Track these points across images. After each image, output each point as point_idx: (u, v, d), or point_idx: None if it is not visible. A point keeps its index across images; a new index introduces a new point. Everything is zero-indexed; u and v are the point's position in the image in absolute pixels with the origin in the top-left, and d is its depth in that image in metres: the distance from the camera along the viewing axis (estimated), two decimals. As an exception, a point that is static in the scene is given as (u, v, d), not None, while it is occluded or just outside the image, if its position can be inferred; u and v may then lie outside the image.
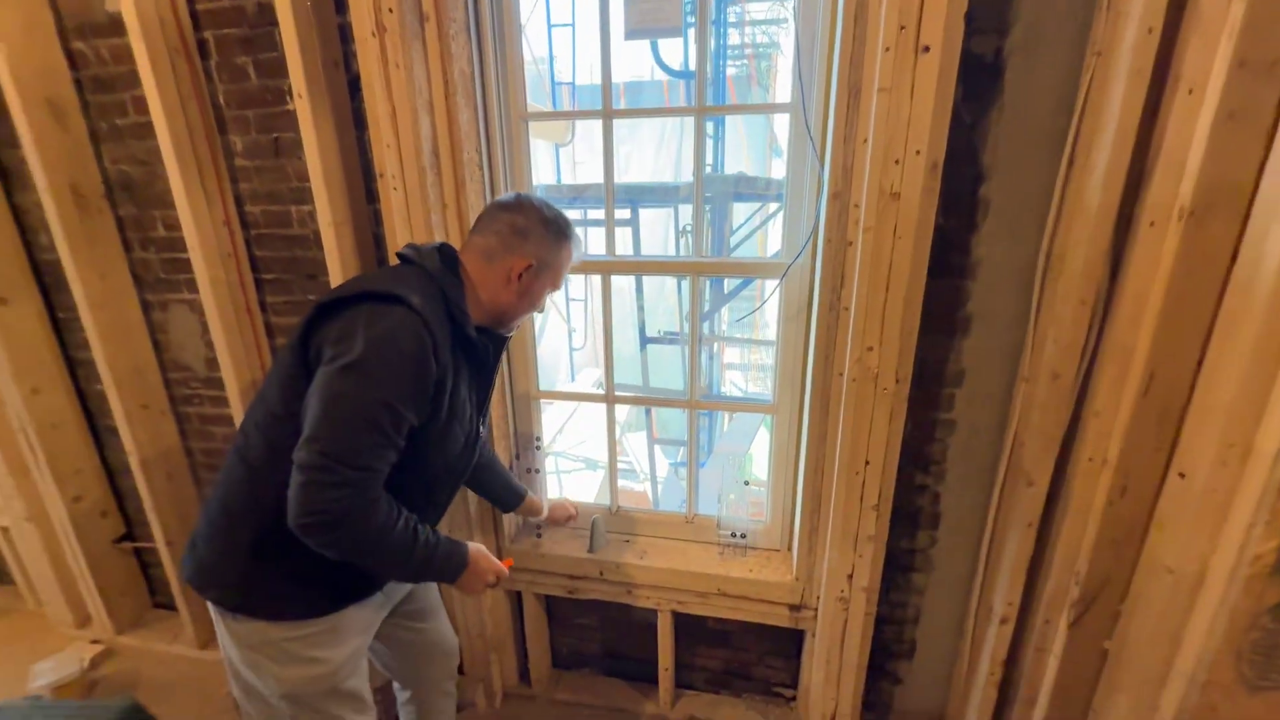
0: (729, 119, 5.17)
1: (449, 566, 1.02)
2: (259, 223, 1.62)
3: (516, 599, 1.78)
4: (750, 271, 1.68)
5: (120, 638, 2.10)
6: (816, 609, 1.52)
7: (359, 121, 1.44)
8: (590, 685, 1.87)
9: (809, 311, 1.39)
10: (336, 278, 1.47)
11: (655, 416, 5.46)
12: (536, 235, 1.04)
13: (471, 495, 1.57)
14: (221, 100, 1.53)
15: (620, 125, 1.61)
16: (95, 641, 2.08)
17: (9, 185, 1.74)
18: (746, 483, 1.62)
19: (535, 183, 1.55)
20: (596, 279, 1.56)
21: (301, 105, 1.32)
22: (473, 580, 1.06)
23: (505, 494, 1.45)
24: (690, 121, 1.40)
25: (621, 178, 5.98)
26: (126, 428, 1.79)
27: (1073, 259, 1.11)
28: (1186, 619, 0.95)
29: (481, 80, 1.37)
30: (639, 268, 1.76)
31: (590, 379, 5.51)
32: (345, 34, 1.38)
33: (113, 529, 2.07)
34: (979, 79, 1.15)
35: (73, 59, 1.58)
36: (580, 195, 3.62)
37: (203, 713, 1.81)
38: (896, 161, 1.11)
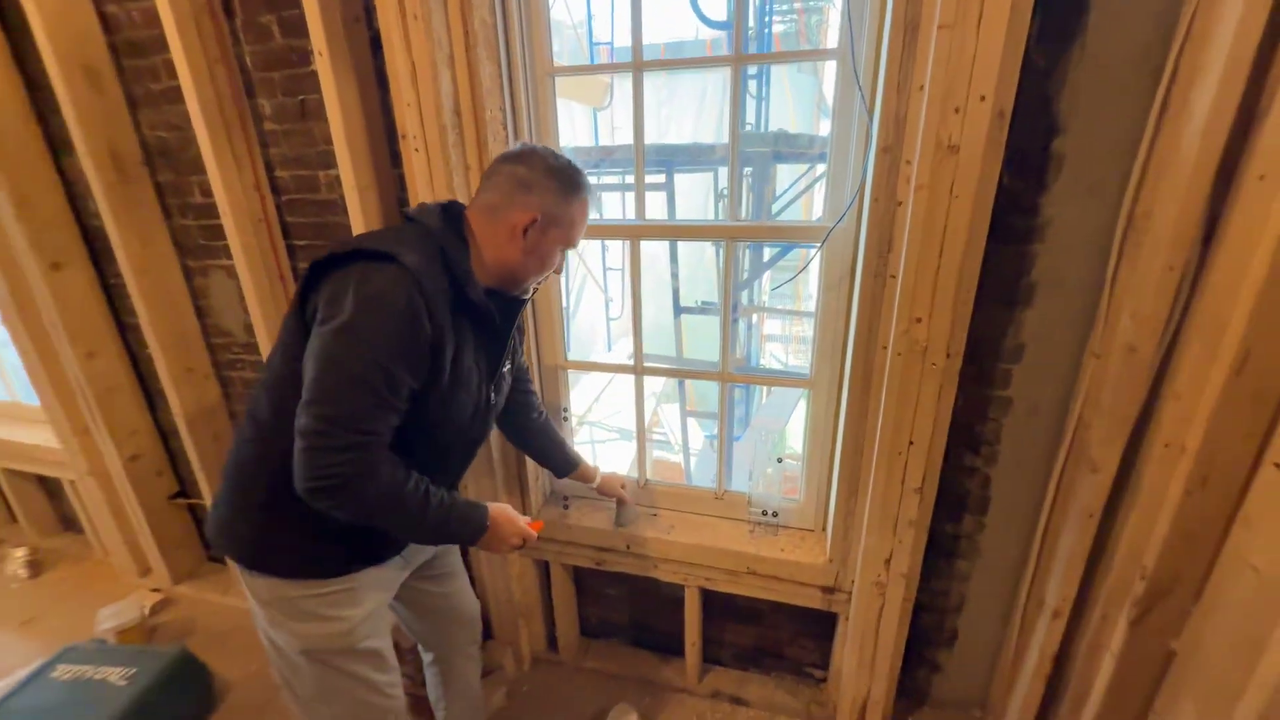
0: (775, 78, 4.90)
1: (467, 528, 1.00)
2: (289, 188, 1.61)
3: (544, 568, 1.78)
4: (788, 236, 1.57)
5: (178, 587, 2.23)
6: (851, 593, 1.45)
7: (382, 81, 1.39)
8: (618, 655, 1.87)
9: (851, 279, 1.29)
10: (362, 243, 1.44)
11: (693, 388, 5.40)
12: (541, 187, 0.96)
13: (498, 462, 1.56)
14: (249, 62, 1.51)
15: (660, 86, 1.52)
16: (155, 590, 2.21)
17: (57, 152, 1.79)
18: (780, 459, 1.55)
19: (564, 144, 1.48)
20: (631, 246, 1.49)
21: (322, 64, 1.28)
22: (495, 542, 1.04)
23: (560, 460, 1.43)
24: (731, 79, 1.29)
25: (662, 139, 5.80)
26: (173, 391, 1.86)
27: (1160, 219, 0.97)
28: (1274, 625, 0.84)
29: (505, 32, 1.29)
30: (669, 232, 1.66)
31: (627, 349, 5.48)
32: (366, -13, 1.32)
33: (167, 486, 2.17)
34: (1058, 10, 1.01)
35: (106, 22, 1.58)
36: (609, 157, 3.48)
37: (250, 661, 1.90)
38: (956, 110, 0.99)
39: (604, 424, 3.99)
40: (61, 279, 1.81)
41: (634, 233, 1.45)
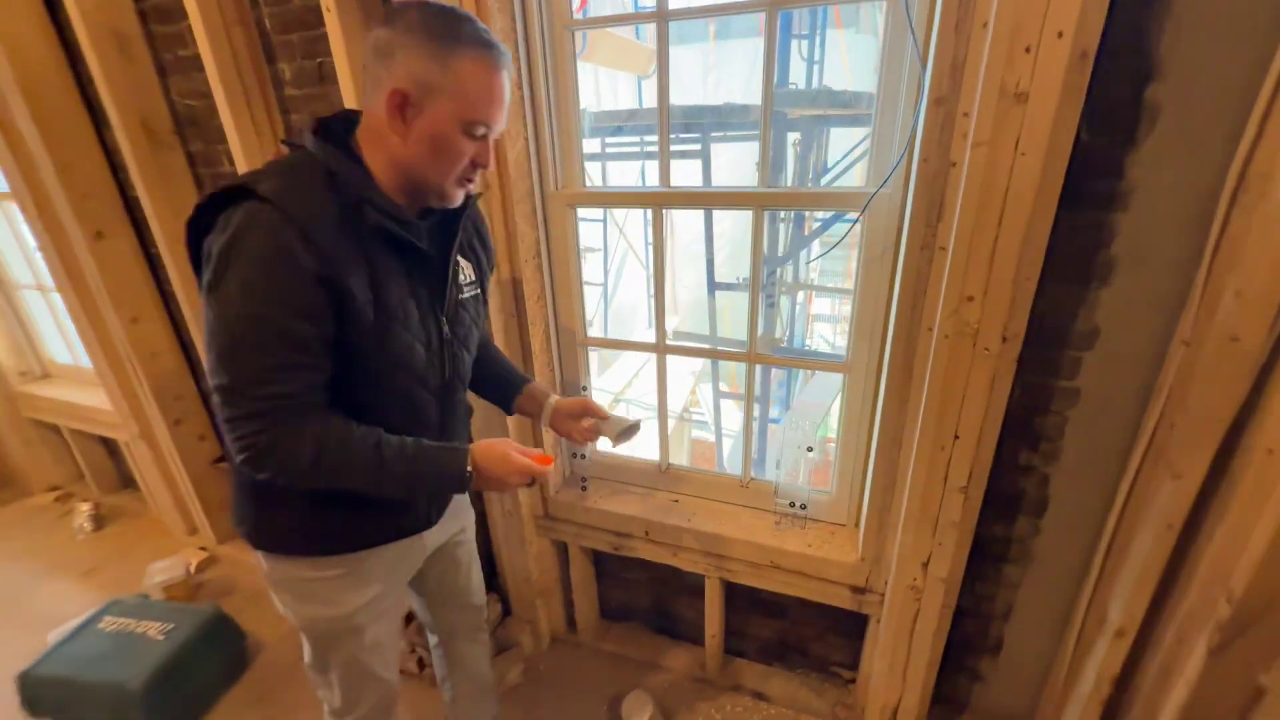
0: (831, 37, 4.58)
1: (444, 476, 0.87)
2: (310, 155, 1.58)
3: (563, 549, 1.74)
4: (826, 204, 1.42)
5: (221, 547, 2.32)
6: (884, 595, 1.34)
7: (396, 39, 1.33)
8: (637, 639, 1.82)
9: (895, 252, 1.15)
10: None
11: (733, 369, 5.26)
12: (405, 48, 0.74)
13: (513, 435, 1.51)
14: (268, 25, 1.47)
15: (708, 51, 1.38)
16: (201, 549, 2.31)
17: (98, 122, 1.82)
18: (810, 449, 1.44)
19: (584, 105, 1.38)
20: (677, 216, 1.38)
21: (331, 20, 1.23)
22: (492, 484, 0.90)
23: (503, 391, 1.17)
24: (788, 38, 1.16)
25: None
26: (209, 359, 1.89)
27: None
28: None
29: (519, -19, 1.20)
30: (693, 200, 1.52)
31: (669, 325, 5.36)
32: (377, -63, 1.25)
33: (211, 451, 2.25)
34: (1162, -74, 0.83)
35: (134, -12, 1.58)
36: (632, 120, 3.23)
37: (283, 623, 1.95)
38: (1027, 49, 0.84)
39: (639, 402, 3.93)
40: (104, 247, 1.86)
41: (656, 200, 1.34)
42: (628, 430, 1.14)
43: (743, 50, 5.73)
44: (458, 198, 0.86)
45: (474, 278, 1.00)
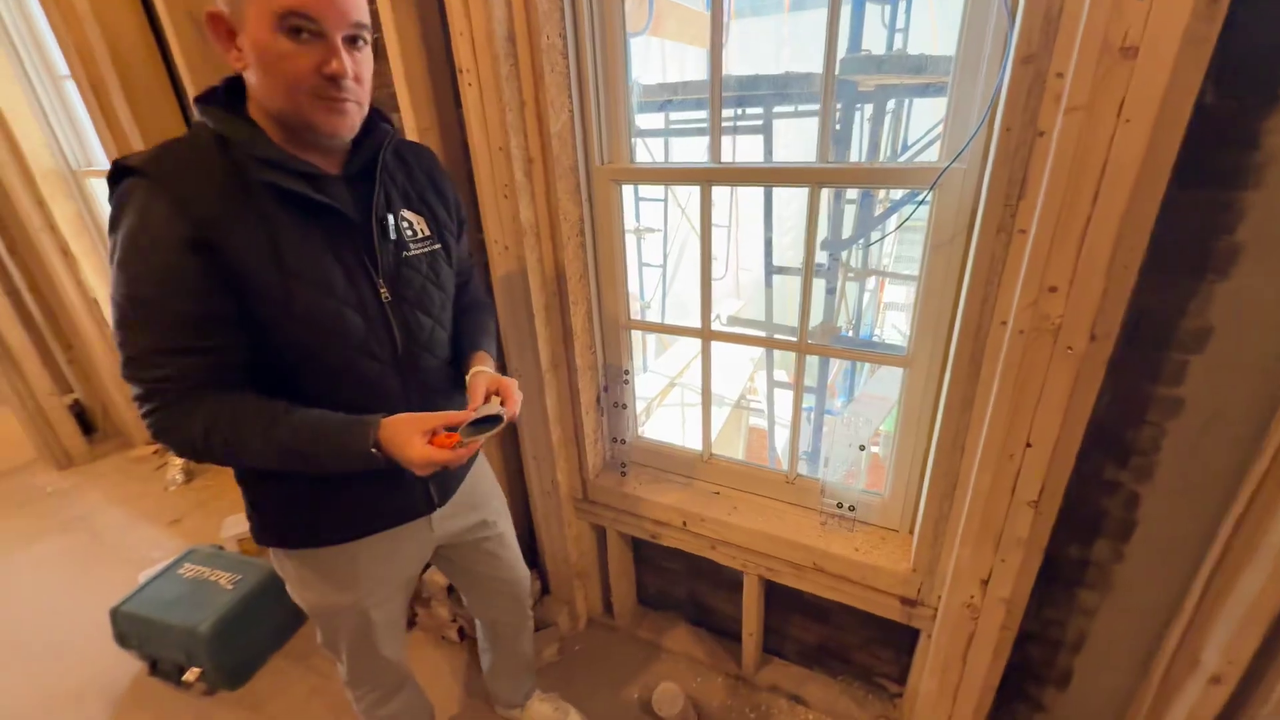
0: (917, 4, 4.23)
1: (346, 453, 0.77)
2: (367, 132, 1.61)
3: (601, 533, 1.73)
4: (889, 180, 1.27)
5: (290, 507, 2.47)
6: (937, 609, 1.24)
7: (445, 14, 1.31)
8: (673, 629, 1.79)
9: (968, 235, 1.03)
10: (425, 188, 1.40)
11: (792, 357, 5.08)
12: None
13: (554, 420, 1.49)
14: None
15: (781, 23, 1.28)
16: (273, 507, 2.47)
17: (181, 100, 1.93)
18: (862, 448, 1.34)
19: (634, 78, 1.32)
20: (741, 196, 1.31)
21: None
22: (407, 466, 0.78)
23: (458, 364, 1.00)
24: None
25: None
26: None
27: None
28: None
29: (566, -56, 1.15)
30: (744, 176, 1.39)
31: (729, 310, 5.24)
32: (427, -96, 1.23)
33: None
34: None
35: (210, -30, 1.64)
36: (682, 94, 3.05)
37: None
38: (1140, -7, 0.70)
39: (692, 386, 3.86)
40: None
41: (704, 176, 1.27)
42: (479, 426, 0.84)
43: (819, 20, 5.42)
44: (334, 125, 0.74)
45: (428, 232, 0.91)
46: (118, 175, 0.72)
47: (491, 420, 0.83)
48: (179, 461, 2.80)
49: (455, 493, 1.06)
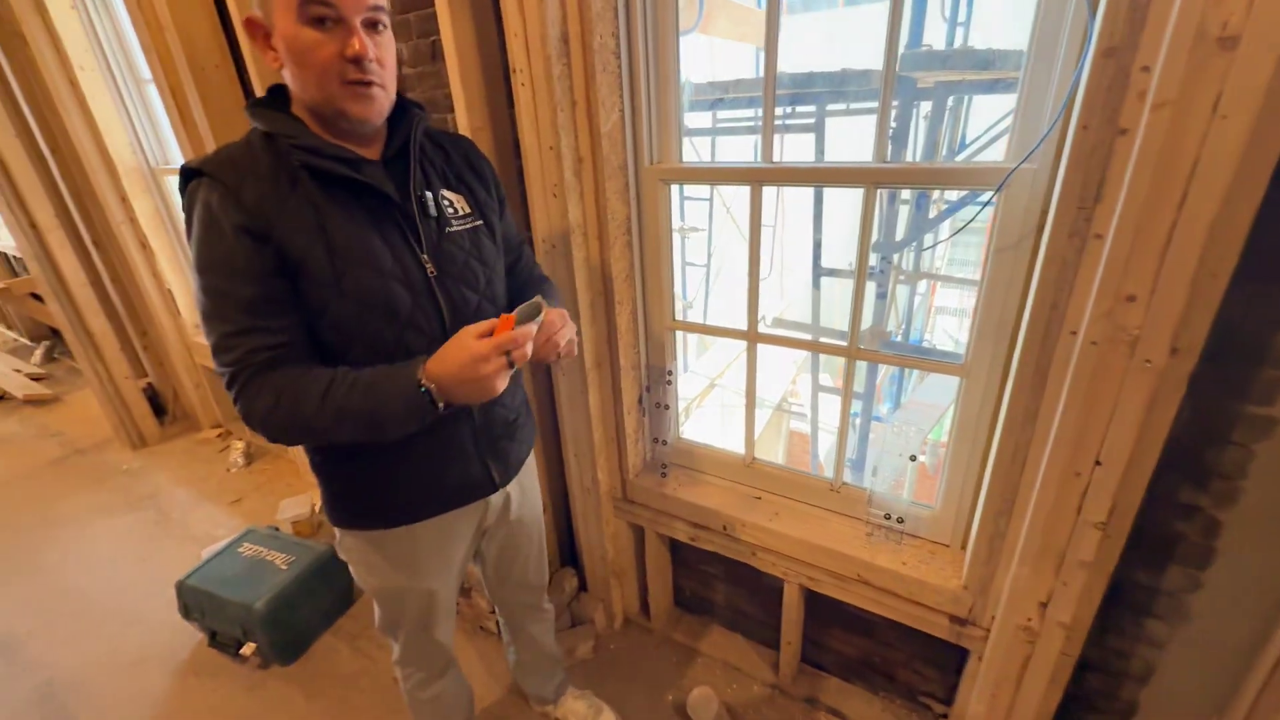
0: (980, -2, 4.05)
1: (399, 396, 0.77)
2: (422, 132, 1.65)
3: (639, 533, 1.72)
4: (952, 180, 1.22)
5: (341, 493, 2.57)
6: (989, 630, 1.18)
7: (500, 16, 1.33)
8: (709, 633, 1.77)
9: (1036, 238, 0.98)
10: (477, 186, 1.43)
11: (837, 362, 4.95)
12: None
13: (596, 419, 1.50)
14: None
15: (836, 18, 1.25)
16: (324, 492, 2.57)
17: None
18: (913, 458, 1.29)
19: (694, 79, 1.30)
20: (787, 195, 1.29)
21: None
22: (467, 385, 0.76)
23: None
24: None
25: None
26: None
27: None
28: None
29: (622, -58, 1.14)
30: (794, 176, 1.34)
31: (773, 312, 5.16)
32: (486, -93, 1.25)
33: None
34: None
35: (280, -23, 1.71)
36: (734, 93, 2.97)
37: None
38: (1243, -22, 0.65)
39: (732, 388, 3.82)
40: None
41: (754, 176, 1.25)
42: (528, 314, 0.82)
43: (875, 15, 5.26)
44: (362, 110, 0.79)
45: (468, 209, 0.95)
46: (184, 178, 0.79)
47: (533, 309, 0.81)
48: (240, 445, 2.95)
49: (518, 471, 1.08)
